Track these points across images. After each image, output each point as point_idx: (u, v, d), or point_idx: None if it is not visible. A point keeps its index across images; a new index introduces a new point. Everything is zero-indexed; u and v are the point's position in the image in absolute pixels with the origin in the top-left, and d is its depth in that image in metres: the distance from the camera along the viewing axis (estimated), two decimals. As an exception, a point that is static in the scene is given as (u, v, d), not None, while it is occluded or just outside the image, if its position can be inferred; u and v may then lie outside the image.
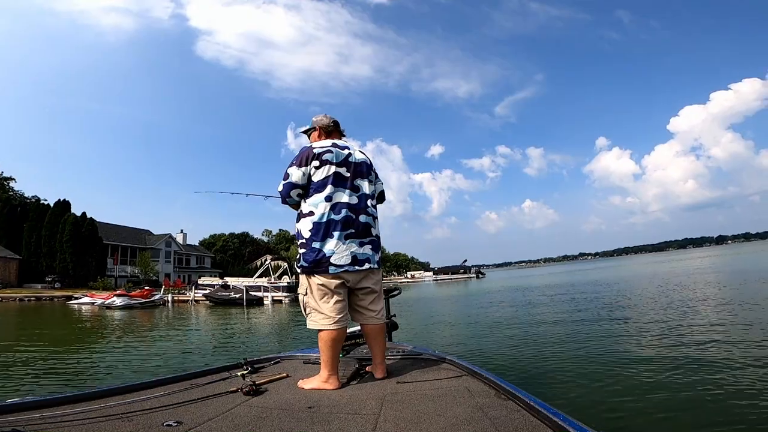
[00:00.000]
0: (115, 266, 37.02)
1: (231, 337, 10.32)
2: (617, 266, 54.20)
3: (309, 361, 2.11)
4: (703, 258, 45.90)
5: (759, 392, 3.46)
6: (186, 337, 10.61)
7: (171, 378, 1.78)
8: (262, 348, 8.39)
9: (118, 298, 19.99)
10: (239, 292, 21.97)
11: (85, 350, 8.37)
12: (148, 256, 37.80)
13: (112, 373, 5.96)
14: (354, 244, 1.79)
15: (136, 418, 1.24)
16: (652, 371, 4.35)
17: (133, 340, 9.72)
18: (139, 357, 7.33)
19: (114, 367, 6.37)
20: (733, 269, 21.44)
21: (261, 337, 10.32)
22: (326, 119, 2.05)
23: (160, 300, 22.47)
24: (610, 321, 8.22)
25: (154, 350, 8.21)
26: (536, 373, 4.74)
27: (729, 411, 3.13)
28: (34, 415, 1.20)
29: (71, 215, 34.07)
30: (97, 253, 34.58)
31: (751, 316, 7.12)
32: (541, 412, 1.12)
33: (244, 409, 1.36)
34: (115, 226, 43.00)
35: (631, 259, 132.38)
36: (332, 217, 1.77)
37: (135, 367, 6.29)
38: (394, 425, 1.15)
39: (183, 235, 50.48)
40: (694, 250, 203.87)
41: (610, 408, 3.38)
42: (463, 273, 72.32)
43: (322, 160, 1.82)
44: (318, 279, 1.76)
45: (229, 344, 9.15)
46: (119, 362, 6.81)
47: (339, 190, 1.81)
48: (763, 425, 2.86)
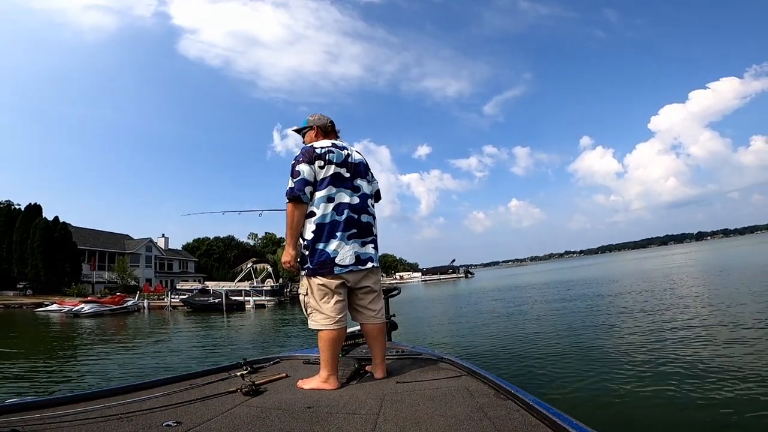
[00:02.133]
0: (92, 272, 35.67)
1: (202, 348, 9.25)
2: (603, 263, 55.02)
3: (308, 362, 2.11)
4: (685, 254, 46.94)
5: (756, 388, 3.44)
6: (150, 348, 9.62)
7: (170, 378, 1.78)
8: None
9: (86, 305, 18.87)
10: (218, 296, 21.04)
11: (23, 361, 7.60)
12: (126, 261, 36.44)
13: (34, 389, 5.32)
14: (357, 244, 1.80)
15: (135, 418, 1.24)
16: (650, 369, 4.31)
17: (85, 352, 8.90)
18: (80, 372, 6.61)
19: (41, 381, 5.70)
20: (716, 264, 21.80)
21: (238, 347, 9.41)
22: (324, 119, 2.03)
23: (134, 306, 21.37)
24: (606, 318, 8.15)
25: (100, 365, 7.29)
26: (535, 372, 4.71)
27: (730, 411, 3.08)
28: (33, 416, 1.20)
29: (42, 220, 32.58)
30: (72, 259, 33.12)
31: (739, 311, 7.24)
32: (541, 411, 1.10)
33: (243, 410, 1.35)
34: (93, 231, 41.51)
35: (615, 256, 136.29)
36: (335, 217, 1.77)
37: (72, 383, 5.65)
38: (394, 425, 1.15)
39: (165, 240, 49.30)
40: (676, 247, 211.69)
41: (610, 407, 3.36)
42: (452, 273, 72.22)
43: (325, 160, 1.80)
44: (320, 279, 1.76)
45: (198, 357, 8.07)
46: (55, 376, 6.14)
47: (340, 191, 1.81)
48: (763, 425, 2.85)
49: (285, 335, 11.18)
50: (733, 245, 60.98)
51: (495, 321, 9.68)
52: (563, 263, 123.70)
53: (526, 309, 11.57)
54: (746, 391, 3.43)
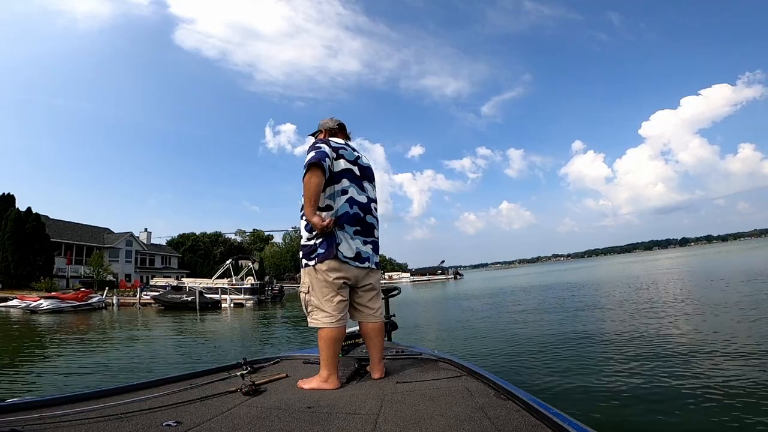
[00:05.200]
0: (67, 266, 34.28)
1: (154, 359, 7.42)
2: (591, 267, 55.44)
3: (308, 361, 2.11)
4: (671, 259, 47.56)
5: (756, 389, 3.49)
6: (95, 353, 8.15)
7: (170, 378, 1.78)
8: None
9: (45, 301, 17.76)
10: (193, 294, 19.93)
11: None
12: (101, 255, 35.08)
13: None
14: (359, 242, 1.82)
15: (135, 418, 1.24)
16: (649, 369, 4.33)
17: (19, 356, 7.85)
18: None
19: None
20: (701, 270, 21.93)
21: (204, 353, 8.05)
22: (331, 122, 2.09)
23: (100, 303, 20.19)
24: (603, 319, 8.17)
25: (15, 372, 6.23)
26: (534, 372, 4.71)
27: (729, 411, 3.10)
28: (33, 416, 1.20)
29: (14, 210, 31.12)
30: (45, 252, 31.70)
31: (728, 311, 7.50)
32: (541, 412, 1.11)
33: (243, 409, 1.36)
34: (71, 224, 40.04)
35: (602, 260, 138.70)
36: (347, 210, 1.79)
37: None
38: (394, 425, 1.15)
39: (147, 234, 48.10)
40: (661, 252, 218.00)
41: (610, 407, 3.38)
42: (441, 274, 71.95)
43: (338, 154, 1.84)
44: (322, 277, 1.75)
45: (149, 368, 6.53)
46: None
47: (352, 186, 1.84)
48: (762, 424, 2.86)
49: (258, 340, 10.02)
50: (717, 251, 62.14)
51: (489, 324, 9.35)
52: (551, 266, 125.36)
53: (523, 310, 11.44)
54: (745, 390, 3.50)
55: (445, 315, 13.00)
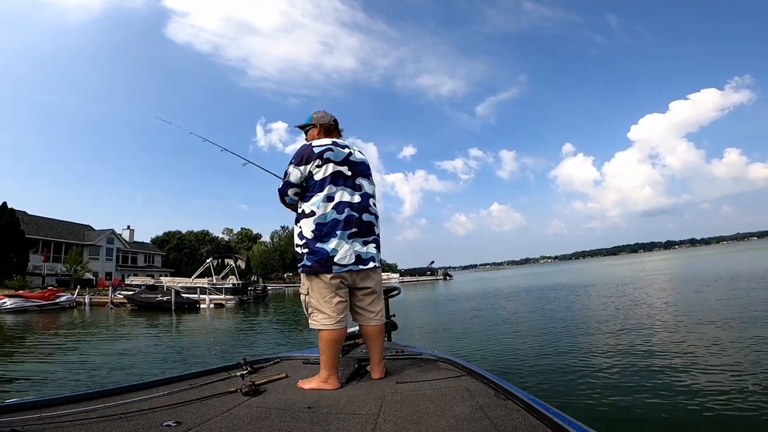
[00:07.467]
0: (44, 263, 33.05)
1: (97, 369, 6.41)
2: (580, 269, 56.19)
3: (308, 362, 2.10)
4: (655, 261, 48.48)
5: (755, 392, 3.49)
6: (42, 362, 7.24)
7: (170, 378, 1.78)
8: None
9: (9, 300, 16.90)
10: (169, 294, 19.16)
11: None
12: (78, 253, 33.96)
13: None
14: (358, 243, 1.80)
15: (135, 418, 1.24)
16: (648, 369, 4.37)
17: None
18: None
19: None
20: (689, 272, 22.27)
21: (168, 363, 6.92)
22: (327, 117, 2.02)
23: (69, 302, 19.31)
24: (599, 320, 8.21)
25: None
26: (533, 373, 4.71)
27: (727, 407, 3.13)
28: (33, 416, 1.20)
29: (-14, 205, 29.86)
30: (19, 249, 30.50)
31: (718, 317, 7.48)
32: (541, 412, 1.11)
33: (243, 410, 1.36)
34: (49, 220, 38.67)
35: (589, 262, 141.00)
36: (335, 216, 1.77)
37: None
38: (394, 425, 1.15)
39: (129, 231, 46.95)
40: (646, 255, 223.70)
41: (610, 407, 3.39)
42: (430, 275, 71.68)
43: (323, 159, 1.80)
44: (320, 280, 1.76)
45: (81, 380, 5.63)
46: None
47: (341, 189, 1.80)
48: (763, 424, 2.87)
49: (234, 345, 9.06)
50: (701, 254, 64.45)
51: (484, 324, 9.32)
52: (539, 268, 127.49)
53: (517, 310, 11.50)
54: (742, 386, 3.56)
55: (437, 316, 12.75)
